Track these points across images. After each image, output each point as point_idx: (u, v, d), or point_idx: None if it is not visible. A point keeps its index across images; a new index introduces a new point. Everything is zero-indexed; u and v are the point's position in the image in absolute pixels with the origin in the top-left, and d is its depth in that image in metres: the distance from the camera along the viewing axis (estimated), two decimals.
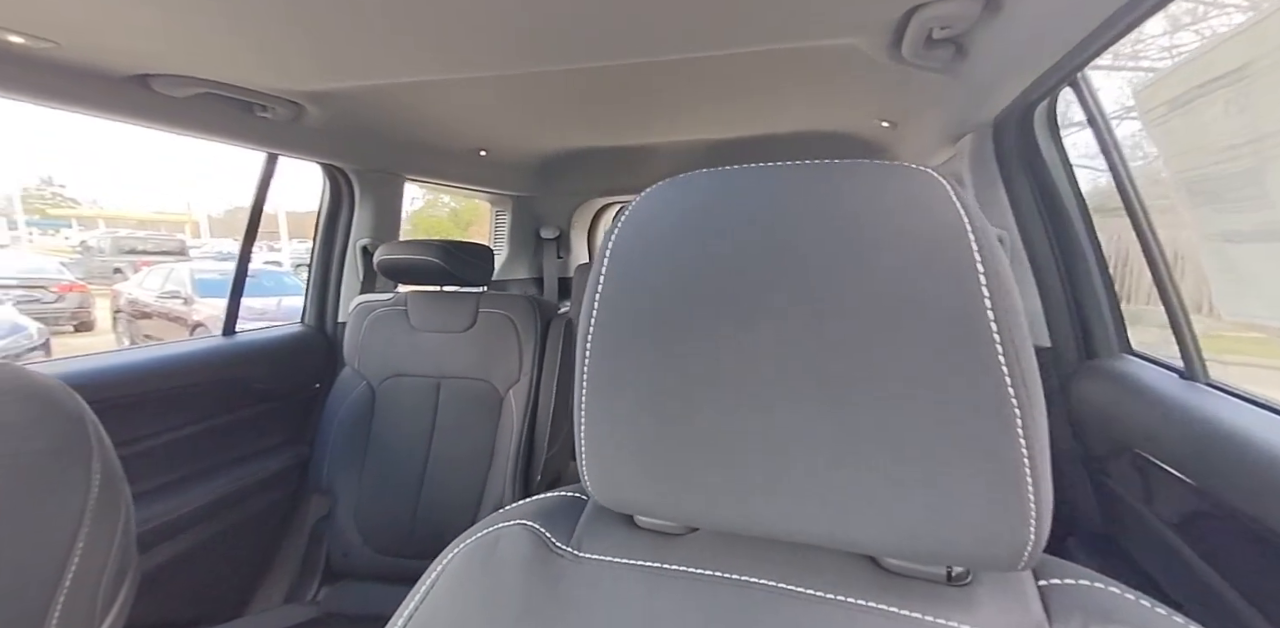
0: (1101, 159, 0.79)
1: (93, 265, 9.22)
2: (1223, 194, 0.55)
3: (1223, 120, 0.52)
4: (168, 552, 1.03)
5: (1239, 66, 0.48)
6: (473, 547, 0.36)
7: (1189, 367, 0.73)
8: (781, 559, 0.33)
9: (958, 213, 0.27)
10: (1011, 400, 0.25)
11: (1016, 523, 0.26)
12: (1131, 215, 0.77)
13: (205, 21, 0.70)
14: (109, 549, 0.49)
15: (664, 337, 0.30)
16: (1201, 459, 0.61)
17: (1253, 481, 0.54)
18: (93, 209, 23.94)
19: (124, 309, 6.13)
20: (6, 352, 3.93)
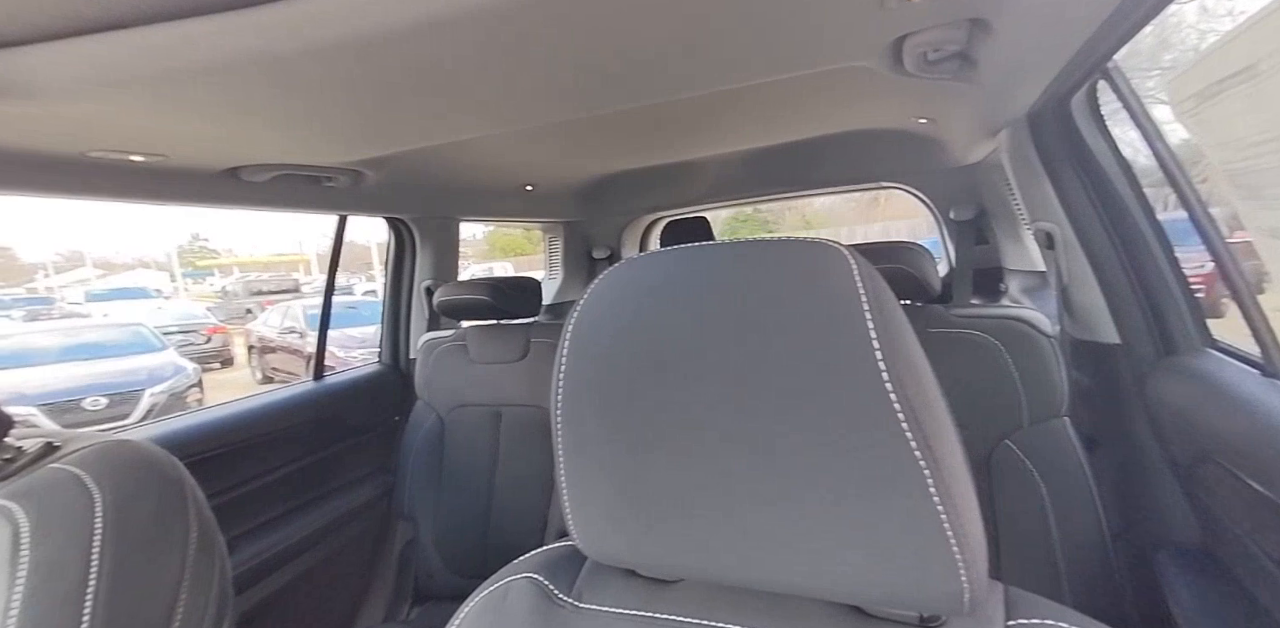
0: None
1: (230, 308, 10.71)
2: (1260, 190, 0.50)
3: (1246, 116, 0.47)
4: (275, 583, 1.17)
5: (1247, 66, 0.43)
6: (485, 600, 0.41)
7: (1268, 361, 0.64)
8: (764, 606, 0.34)
9: (855, 285, 0.29)
10: (919, 463, 0.26)
11: (948, 573, 0.27)
12: (1184, 203, 0.70)
13: (280, 119, 0.82)
14: (209, 596, 0.57)
15: (617, 407, 0.33)
16: (1274, 467, 0.54)
17: None
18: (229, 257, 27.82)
19: (254, 345, 7.07)
20: (173, 390, 4.69)
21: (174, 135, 0.82)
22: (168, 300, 13.14)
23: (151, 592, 0.53)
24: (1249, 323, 0.68)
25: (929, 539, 0.27)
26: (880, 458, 0.27)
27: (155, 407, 4.53)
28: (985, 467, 0.89)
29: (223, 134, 0.85)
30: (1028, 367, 0.87)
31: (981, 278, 1.64)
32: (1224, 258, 0.70)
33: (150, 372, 4.80)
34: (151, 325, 5.71)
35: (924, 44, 0.66)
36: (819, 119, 1.24)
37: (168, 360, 5.11)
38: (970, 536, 0.27)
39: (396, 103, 0.80)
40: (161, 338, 5.59)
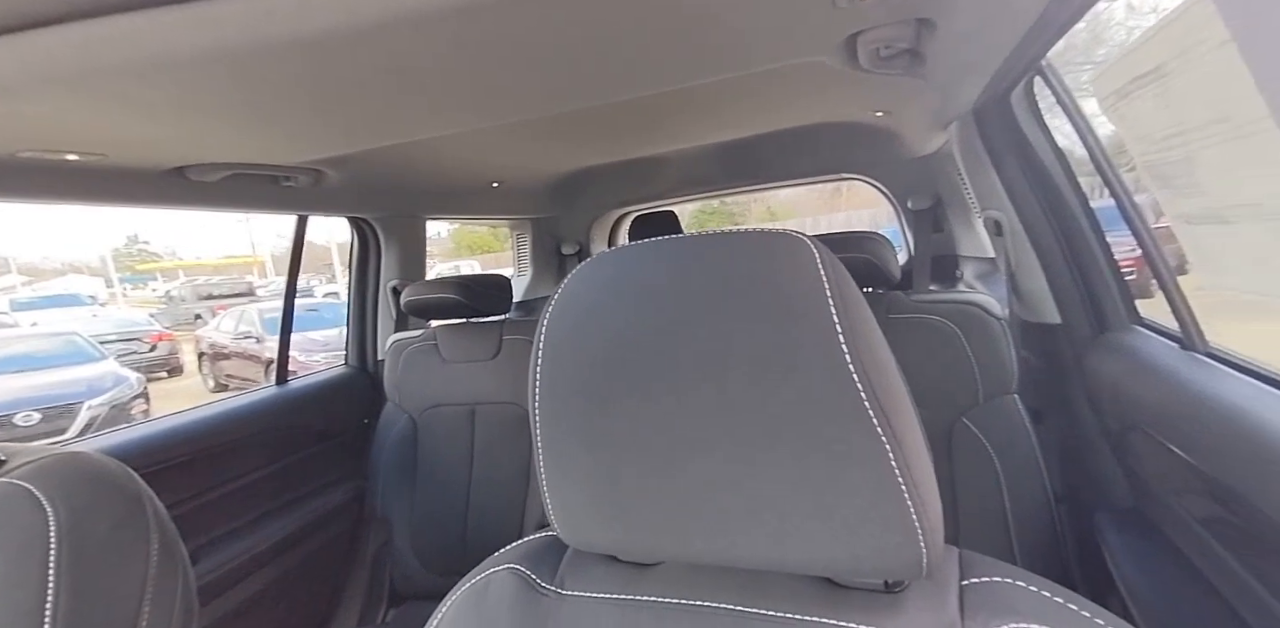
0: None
1: (177, 314, 10.14)
2: (1171, 179, 0.55)
3: (1157, 112, 0.52)
4: (244, 592, 1.14)
5: (1156, 66, 0.48)
6: (467, 593, 0.41)
7: (1186, 336, 0.71)
8: (739, 584, 0.36)
9: (819, 274, 0.30)
10: (881, 439, 0.28)
11: (908, 539, 0.29)
12: (1112, 191, 0.76)
13: (229, 116, 0.78)
14: (172, 607, 0.57)
15: (594, 400, 0.33)
16: (1191, 432, 0.60)
17: (1242, 457, 0.53)
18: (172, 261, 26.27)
19: (206, 352, 6.74)
20: (115, 402, 4.43)
21: (114, 133, 0.78)
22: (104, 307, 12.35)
23: (112, 606, 0.52)
24: (1169, 302, 0.75)
25: (891, 511, 0.29)
26: (846, 436, 0.29)
27: (96, 420, 4.27)
28: (945, 443, 0.95)
29: (168, 132, 0.81)
30: (981, 348, 0.93)
31: (938, 264, 1.72)
32: (1147, 242, 0.76)
33: (89, 383, 4.52)
34: (87, 334, 5.37)
35: (876, 41, 0.70)
36: (782, 113, 1.28)
37: (107, 371, 4.82)
38: (928, 506, 0.29)
39: (356, 102, 0.78)
40: (99, 347, 5.27)
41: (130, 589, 0.54)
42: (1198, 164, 0.50)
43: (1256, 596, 0.56)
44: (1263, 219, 0.46)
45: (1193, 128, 0.48)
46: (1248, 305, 0.59)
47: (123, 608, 0.53)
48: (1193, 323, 0.72)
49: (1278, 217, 0.43)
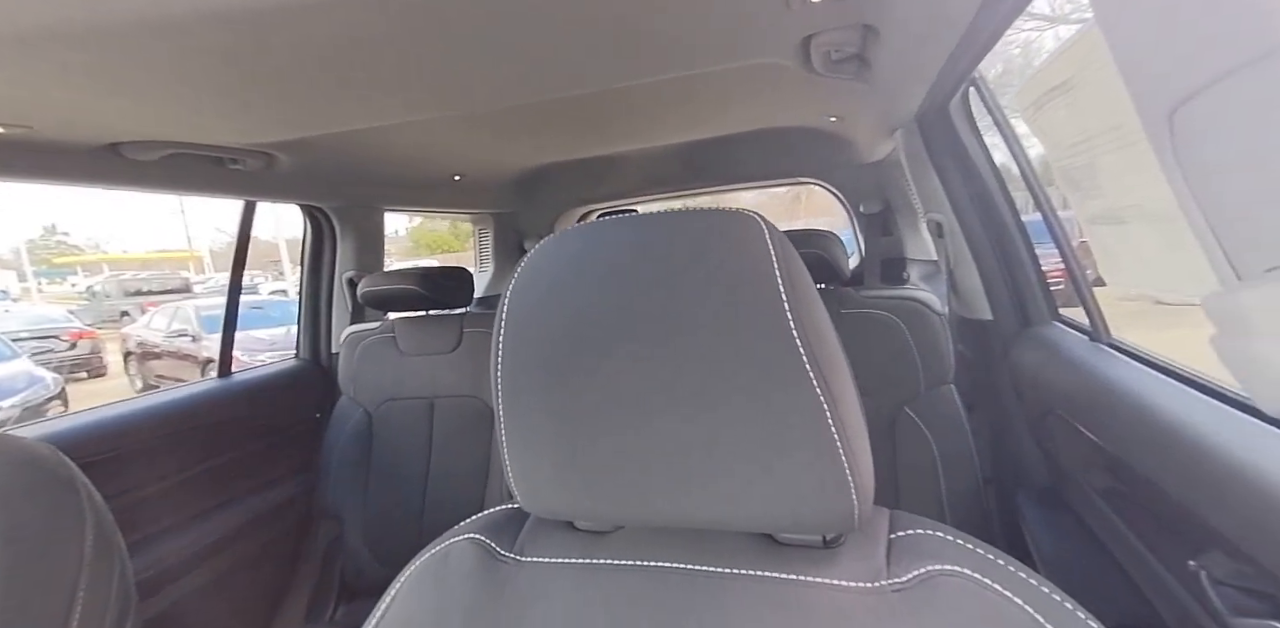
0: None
1: (101, 310, 9.39)
2: (1079, 183, 0.62)
3: (1067, 122, 0.59)
4: (188, 585, 1.09)
5: (1065, 80, 0.54)
6: (426, 562, 0.41)
7: (1094, 329, 0.79)
8: (689, 545, 0.38)
9: (768, 249, 0.33)
10: (820, 400, 0.31)
11: (842, 494, 0.31)
12: (1034, 196, 0.84)
13: (168, 90, 0.74)
14: (108, 597, 0.55)
15: (554, 371, 0.35)
16: (1096, 415, 0.68)
17: (1132, 433, 0.60)
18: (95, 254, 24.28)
19: (134, 351, 6.27)
20: (28, 404, 4.06)
21: (41, 104, 0.73)
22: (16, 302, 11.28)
23: (46, 590, 0.51)
24: (1081, 301, 0.83)
25: (827, 468, 0.31)
26: (788, 399, 0.31)
27: (6, 423, 3.91)
28: (890, 430, 1.01)
29: (100, 105, 0.76)
30: (923, 341, 1.00)
31: (887, 266, 1.83)
32: (1063, 245, 0.85)
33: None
34: None
35: (827, 44, 0.74)
36: (741, 115, 1.33)
37: (20, 370, 4.43)
38: (860, 463, 0.32)
39: (305, 82, 0.76)
40: (10, 345, 4.82)
41: (64, 575, 0.52)
42: (1098, 169, 0.57)
43: (1143, 558, 0.63)
44: (1144, 219, 0.52)
45: (1094, 135, 0.55)
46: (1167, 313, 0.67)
47: (56, 594, 0.51)
48: (1100, 319, 0.81)
49: (1155, 217, 0.50)
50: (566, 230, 0.38)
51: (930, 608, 0.31)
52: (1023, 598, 0.31)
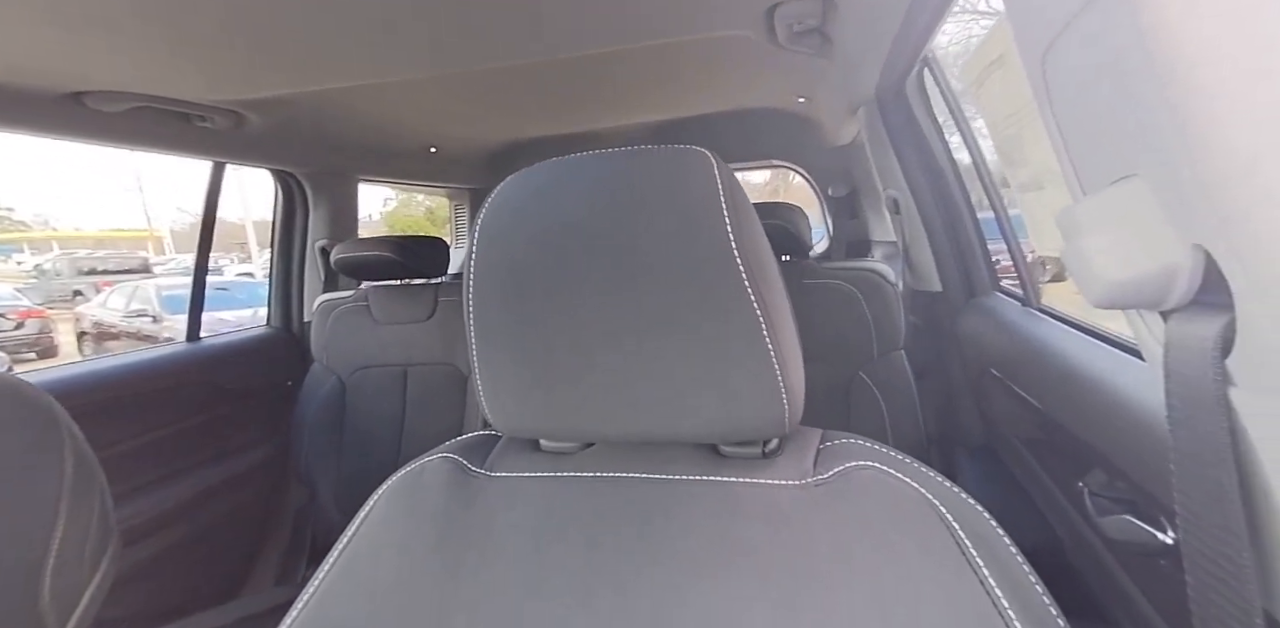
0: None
1: (51, 289, 8.94)
2: (1011, 153, 0.68)
3: (1001, 96, 0.64)
4: (158, 543, 1.10)
5: (1000, 56, 0.60)
6: (402, 478, 0.44)
7: (1026, 297, 0.87)
8: (645, 459, 0.42)
9: (715, 182, 0.36)
10: (757, 316, 0.35)
11: (775, 400, 0.36)
12: (977, 171, 0.90)
13: (134, 39, 0.73)
14: (89, 523, 0.57)
15: (520, 295, 0.37)
16: (1021, 368, 0.75)
17: (1051, 382, 0.67)
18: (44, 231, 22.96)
19: (89, 331, 6.01)
20: None
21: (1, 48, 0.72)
22: None
23: (27, 514, 0.52)
24: (1016, 272, 0.91)
25: (763, 377, 0.35)
26: (732, 318, 0.35)
27: None
28: (845, 394, 1.08)
29: (64, 50, 0.75)
30: (878, 309, 1.07)
31: (853, 248, 1.91)
32: (1002, 218, 0.91)
33: None
34: None
35: (789, 16, 0.78)
36: (716, 94, 1.36)
37: None
38: (791, 372, 0.36)
39: (275, 35, 0.76)
40: None
41: (45, 501, 0.54)
42: (1024, 139, 0.63)
43: (1050, 493, 0.71)
44: (1058, 183, 0.58)
45: (1022, 106, 0.60)
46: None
47: (37, 518, 0.53)
48: (1031, 287, 0.90)
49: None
50: (536, 166, 0.41)
51: (845, 496, 0.36)
52: (922, 486, 0.36)
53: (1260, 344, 0.24)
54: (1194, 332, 0.28)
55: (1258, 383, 0.25)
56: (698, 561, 0.35)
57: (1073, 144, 0.33)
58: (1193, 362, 0.28)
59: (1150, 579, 0.52)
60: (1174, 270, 0.27)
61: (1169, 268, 0.27)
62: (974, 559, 0.32)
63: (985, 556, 0.32)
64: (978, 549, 0.32)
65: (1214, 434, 0.26)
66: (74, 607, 0.55)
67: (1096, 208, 0.31)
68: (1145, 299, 0.29)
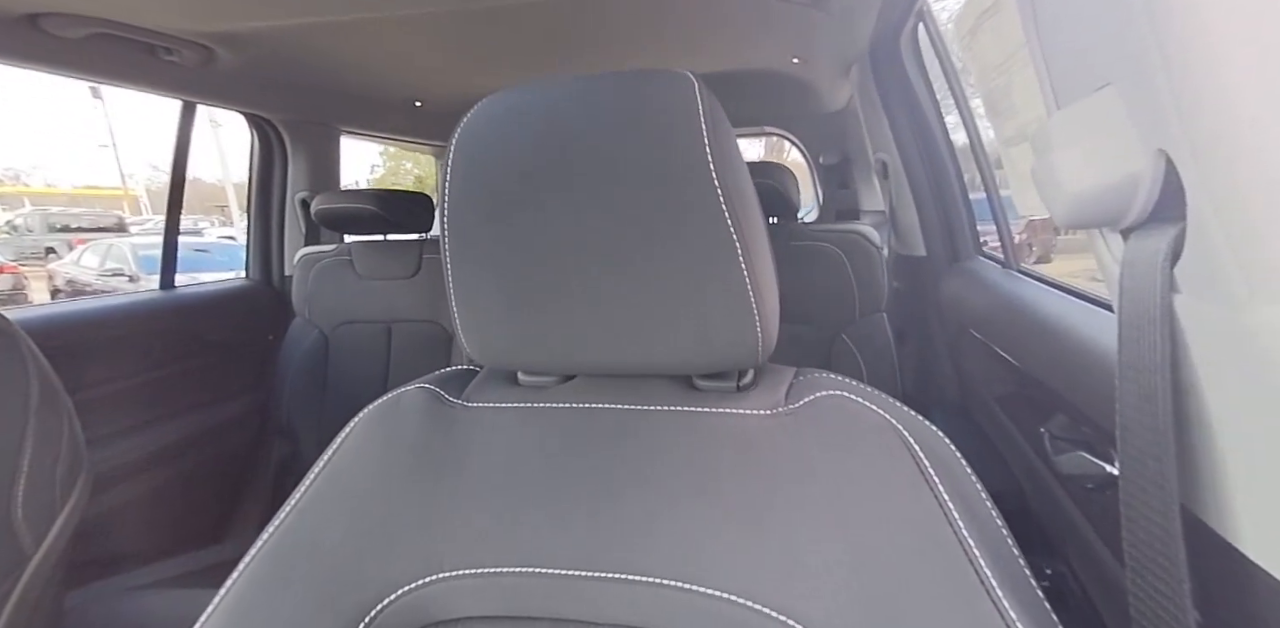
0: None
1: (23, 246, 8.67)
2: (997, 104, 0.67)
3: (992, 45, 0.63)
4: (138, 487, 1.11)
5: (994, 2, 0.58)
6: (378, 407, 0.44)
7: (1007, 260, 0.88)
8: (622, 390, 0.42)
9: (696, 103, 0.35)
10: (734, 243, 0.34)
11: (749, 329, 0.36)
12: (967, 130, 0.90)
13: None
14: (58, 445, 0.57)
15: (497, 222, 0.36)
16: (997, 326, 0.76)
17: (1022, 336, 0.69)
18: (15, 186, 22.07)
19: (63, 290, 5.88)
20: None
21: None
22: None
23: None
24: (999, 237, 0.92)
25: (737, 304, 0.35)
26: (707, 242, 0.34)
27: None
28: (826, 354, 1.10)
29: None
30: (861, 271, 1.08)
31: (842, 217, 1.91)
32: (988, 178, 0.92)
33: None
34: None
35: None
36: (710, 53, 1.33)
37: None
38: (766, 301, 0.36)
39: None
40: None
41: (10, 422, 0.53)
42: (1013, 87, 0.62)
43: (1016, 443, 0.73)
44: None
45: (1012, 53, 0.59)
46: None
47: (7, 434, 0.52)
48: (1011, 250, 0.91)
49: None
50: (512, 88, 0.39)
51: (814, 423, 0.37)
52: (888, 413, 0.36)
53: (1207, 249, 0.25)
54: (1148, 246, 0.29)
55: (1200, 289, 0.26)
56: (668, 486, 0.36)
57: (1052, 56, 0.33)
58: (1143, 274, 0.28)
59: (1097, 511, 0.54)
60: (1136, 179, 0.27)
61: (1131, 177, 0.27)
62: (931, 478, 0.33)
63: (942, 475, 0.33)
64: (935, 470, 0.33)
65: (1155, 342, 0.27)
66: (47, 529, 0.56)
67: (1068, 120, 0.31)
68: (1107, 215, 0.30)
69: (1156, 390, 0.27)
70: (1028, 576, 0.32)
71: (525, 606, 0.36)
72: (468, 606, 0.36)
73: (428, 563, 0.36)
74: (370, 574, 0.36)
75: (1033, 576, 0.31)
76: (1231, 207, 0.23)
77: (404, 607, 0.36)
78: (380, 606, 0.36)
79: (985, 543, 0.30)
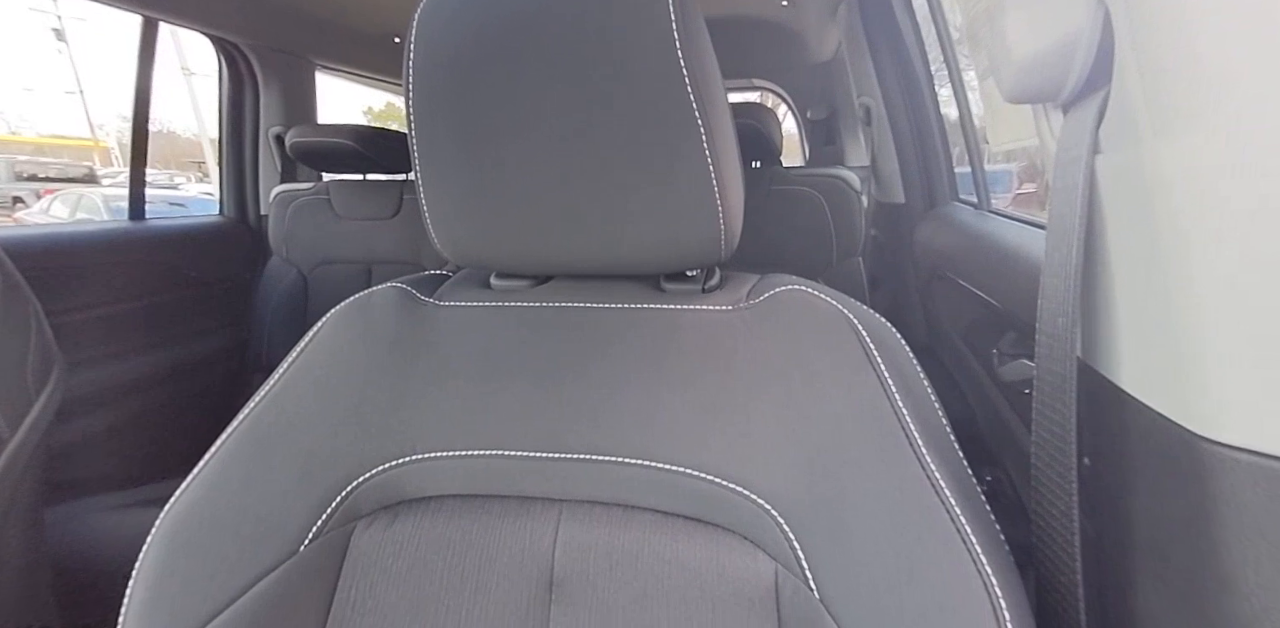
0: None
1: None
2: (978, 35, 0.66)
3: None
4: (114, 414, 1.12)
5: None
6: (350, 303, 0.44)
7: (980, 202, 0.90)
8: (591, 290, 0.43)
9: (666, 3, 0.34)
10: (701, 135, 0.34)
11: (713, 226, 0.36)
12: (952, 80, 0.89)
13: None
14: (26, 338, 0.58)
15: (466, 119, 0.36)
16: (968, 263, 0.78)
17: (990, 269, 0.71)
18: None
19: None
20: None
21: None
22: None
23: None
24: (974, 180, 0.92)
25: (703, 201, 0.35)
26: (674, 133, 0.34)
27: None
28: None
29: None
30: (839, 216, 1.09)
31: None
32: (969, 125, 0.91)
33: None
34: None
35: None
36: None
37: None
38: (730, 196, 0.36)
39: None
40: None
41: None
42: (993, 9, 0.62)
43: (977, 377, 0.76)
44: None
45: None
46: None
47: None
48: (985, 192, 0.92)
49: None
50: None
51: (773, 316, 0.38)
52: (843, 306, 0.38)
53: (1123, 100, 0.26)
54: (1081, 117, 0.30)
55: (1115, 141, 0.27)
56: (630, 373, 0.37)
57: None
58: (1073, 144, 0.29)
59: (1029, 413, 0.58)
60: (1075, 39, 0.28)
61: (1071, 36, 0.28)
62: (874, 358, 0.34)
63: (885, 355, 0.35)
64: (879, 351, 0.35)
65: (1076, 204, 0.29)
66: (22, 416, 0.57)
67: None
68: (1049, 84, 0.30)
69: (1072, 250, 0.29)
70: (952, 441, 0.34)
71: (494, 485, 0.37)
72: (439, 485, 0.38)
73: (400, 445, 0.38)
74: (345, 453, 0.37)
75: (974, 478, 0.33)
76: (1148, 46, 0.24)
77: (377, 485, 0.37)
78: (354, 483, 0.37)
79: (917, 413, 0.33)
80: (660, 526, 0.35)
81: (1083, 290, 0.29)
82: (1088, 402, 0.29)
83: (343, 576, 0.37)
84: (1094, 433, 0.31)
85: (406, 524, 0.37)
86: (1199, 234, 0.22)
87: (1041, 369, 0.31)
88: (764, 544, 0.33)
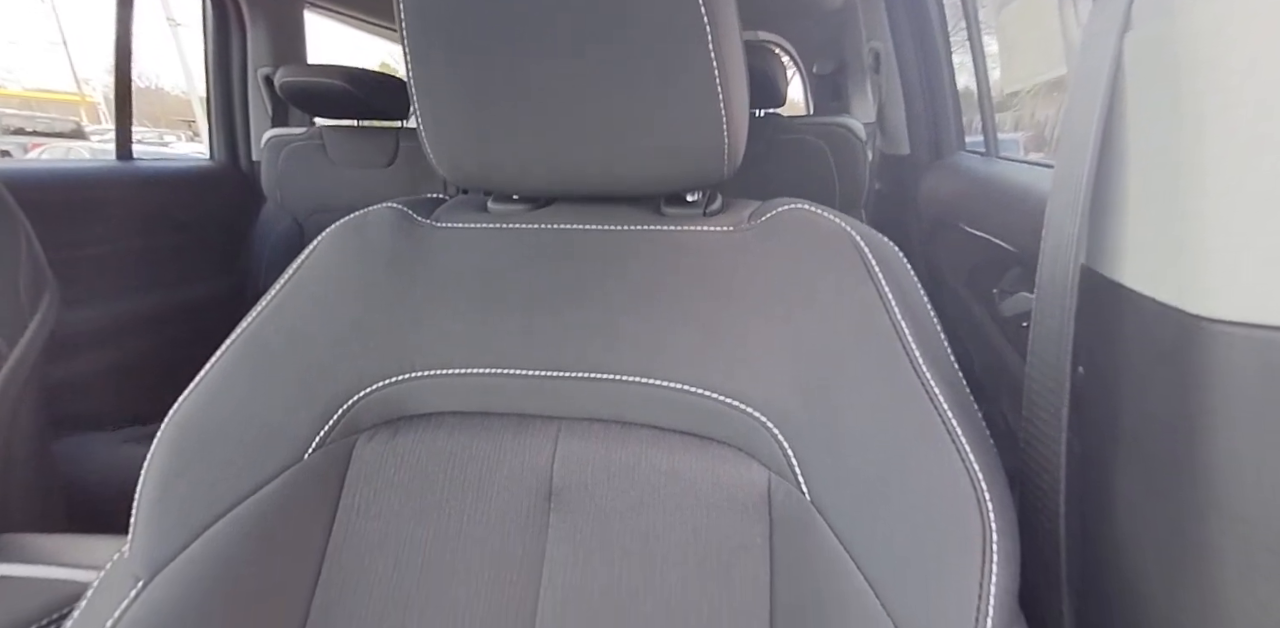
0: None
1: None
2: None
3: None
4: (116, 353, 1.12)
5: None
6: (345, 222, 0.43)
7: (988, 150, 0.88)
8: (591, 213, 0.42)
9: None
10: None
11: (717, 143, 0.35)
12: (966, 15, 0.86)
13: None
14: (17, 256, 0.58)
15: (465, 21, 0.34)
16: (974, 207, 0.77)
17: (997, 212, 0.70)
18: None
19: None
20: None
21: None
22: None
23: None
24: (983, 130, 0.90)
25: (707, 118, 0.34)
26: (681, 51, 0.32)
27: None
28: None
29: None
30: (843, 165, 1.07)
31: None
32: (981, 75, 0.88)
33: None
34: None
35: None
36: None
37: None
38: (735, 107, 0.34)
39: None
40: None
41: None
42: None
43: (977, 320, 0.76)
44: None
45: None
46: None
47: None
48: (994, 142, 0.89)
49: None
50: None
51: (775, 235, 0.38)
52: (845, 223, 0.37)
53: None
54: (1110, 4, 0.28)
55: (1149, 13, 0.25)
56: (630, 293, 0.37)
57: None
58: (1102, 17, 0.28)
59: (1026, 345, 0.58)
60: None
61: None
62: (875, 273, 0.34)
63: (885, 271, 0.34)
64: (880, 266, 0.34)
65: (1097, 87, 0.27)
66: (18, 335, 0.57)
67: None
68: None
69: (1089, 142, 0.28)
70: (947, 351, 0.34)
71: (493, 403, 0.38)
72: (439, 402, 0.38)
73: (400, 363, 0.38)
74: (345, 368, 0.38)
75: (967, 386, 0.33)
76: None
77: (378, 400, 0.38)
78: (355, 397, 0.38)
79: (915, 326, 0.32)
80: (657, 440, 0.36)
81: (1094, 190, 0.28)
82: (1088, 307, 0.29)
83: (346, 484, 0.38)
84: (1091, 338, 0.31)
85: (408, 438, 0.38)
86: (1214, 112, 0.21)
87: (1043, 279, 0.31)
88: (758, 454, 0.34)
